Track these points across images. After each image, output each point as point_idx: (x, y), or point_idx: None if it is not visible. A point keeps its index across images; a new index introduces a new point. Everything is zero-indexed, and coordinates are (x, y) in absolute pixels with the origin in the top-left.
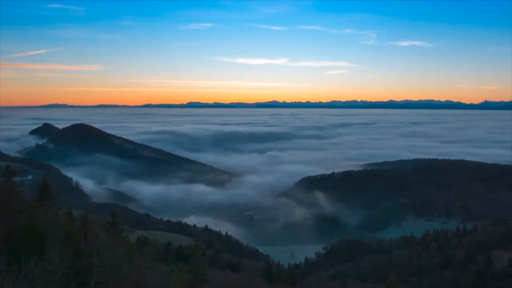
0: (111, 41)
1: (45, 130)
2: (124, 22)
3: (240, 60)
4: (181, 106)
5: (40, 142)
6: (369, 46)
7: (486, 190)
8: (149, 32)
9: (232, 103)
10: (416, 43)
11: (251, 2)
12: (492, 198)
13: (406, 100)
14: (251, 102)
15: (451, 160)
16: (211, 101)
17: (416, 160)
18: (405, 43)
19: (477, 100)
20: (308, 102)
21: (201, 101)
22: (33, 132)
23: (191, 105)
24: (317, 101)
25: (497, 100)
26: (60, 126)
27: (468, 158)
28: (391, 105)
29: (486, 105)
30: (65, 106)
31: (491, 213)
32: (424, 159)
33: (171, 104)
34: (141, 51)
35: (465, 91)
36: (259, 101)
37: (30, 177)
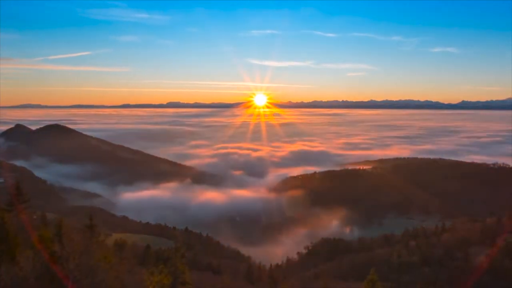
0: (163, 46)
1: (17, 131)
2: (189, 28)
3: (267, 63)
4: (160, 106)
5: (12, 144)
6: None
7: (463, 188)
8: (202, 38)
9: (213, 103)
10: (449, 49)
11: (318, 12)
12: (470, 196)
13: (387, 100)
14: (232, 102)
15: (430, 159)
16: (191, 101)
17: (396, 159)
18: (437, 49)
19: (455, 100)
20: (290, 102)
21: (181, 101)
22: (4, 133)
23: (171, 105)
24: (299, 101)
25: (474, 100)
26: (34, 127)
27: None
28: (371, 105)
29: (464, 105)
30: (38, 106)
31: (469, 211)
32: (404, 158)
33: (150, 104)
34: (179, 55)
35: (444, 91)
36: (240, 101)
37: (1, 180)
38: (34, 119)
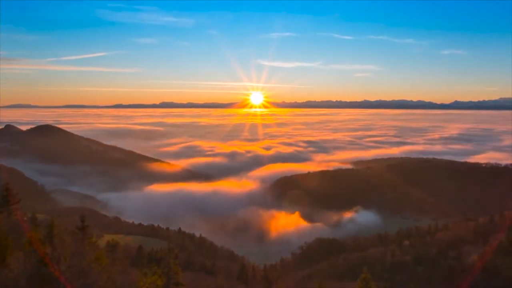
0: (178, 48)
1: (7, 131)
2: (209, 31)
3: (275, 64)
4: (153, 106)
5: (2, 145)
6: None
7: (457, 187)
8: (219, 40)
9: (206, 103)
10: (458, 51)
11: (342, 17)
12: (463, 195)
13: (380, 100)
14: (225, 102)
15: (423, 158)
16: (184, 101)
17: (390, 158)
18: (446, 52)
19: (448, 100)
20: (284, 102)
21: (175, 101)
22: None
23: (164, 105)
24: (293, 101)
25: (466, 100)
26: (24, 127)
27: None
28: (365, 105)
29: (456, 105)
30: (28, 106)
31: (462, 210)
32: (397, 158)
33: (142, 104)
34: (196, 57)
35: (438, 91)
36: (233, 101)
37: None
38: (24, 120)
